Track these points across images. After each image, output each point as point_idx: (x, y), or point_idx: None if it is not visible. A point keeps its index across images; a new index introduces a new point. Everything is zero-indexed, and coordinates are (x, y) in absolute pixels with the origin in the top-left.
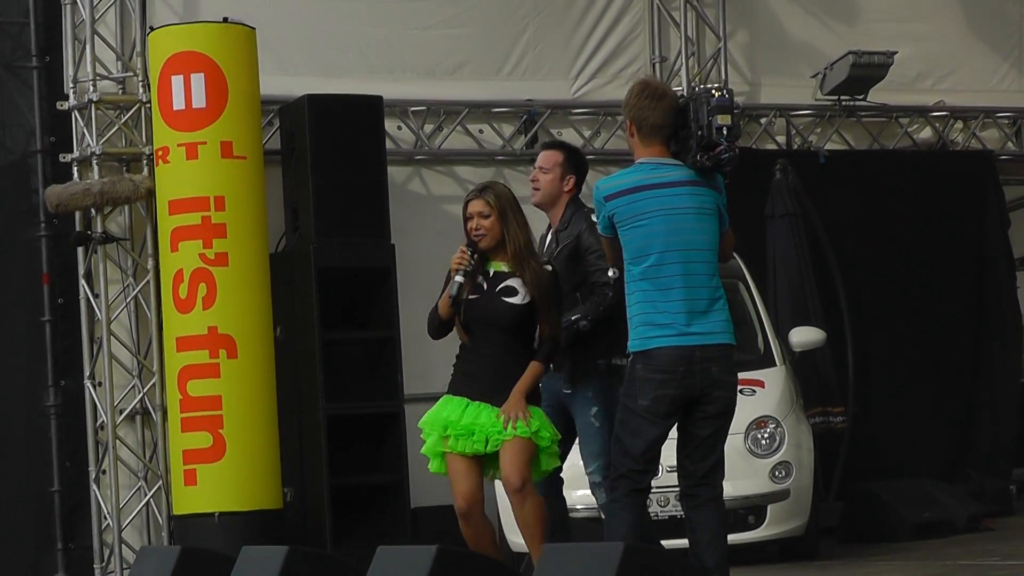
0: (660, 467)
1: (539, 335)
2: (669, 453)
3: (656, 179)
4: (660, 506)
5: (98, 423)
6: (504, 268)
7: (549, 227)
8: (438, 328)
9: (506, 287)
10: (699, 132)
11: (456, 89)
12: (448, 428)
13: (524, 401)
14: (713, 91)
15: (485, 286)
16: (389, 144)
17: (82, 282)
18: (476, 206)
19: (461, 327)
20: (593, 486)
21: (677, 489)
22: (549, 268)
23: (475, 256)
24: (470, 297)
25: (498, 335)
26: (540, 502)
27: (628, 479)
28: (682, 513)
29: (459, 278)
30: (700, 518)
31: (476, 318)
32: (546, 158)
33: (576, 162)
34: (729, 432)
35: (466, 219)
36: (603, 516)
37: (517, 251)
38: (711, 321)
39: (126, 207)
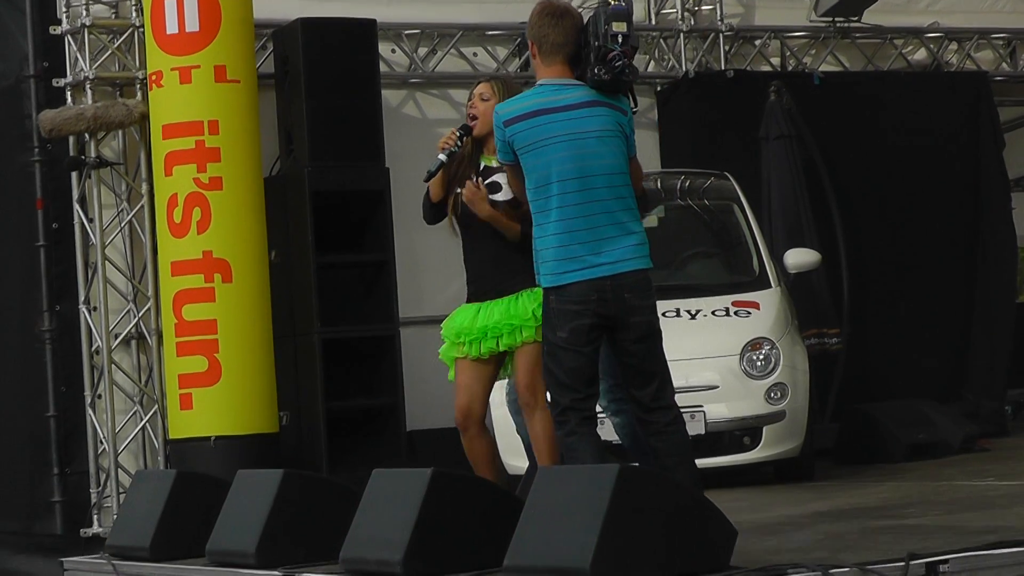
0: None
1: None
2: None
3: (557, 102)
4: None
5: (93, 348)
6: (494, 163)
7: None
8: (429, 212)
9: (492, 183)
10: (596, 43)
11: (450, 12)
12: (460, 335)
13: (487, 207)
14: (611, 1)
15: (476, 181)
16: (383, 67)
17: (76, 207)
18: (480, 87)
19: (454, 221)
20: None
21: None
22: None
23: (463, 139)
24: (460, 191)
25: (490, 229)
26: (550, 417)
27: (574, 410)
28: (689, 434)
29: (441, 156)
30: (663, 444)
31: (468, 214)
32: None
33: None
34: (724, 354)
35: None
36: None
37: None
38: (620, 248)
39: (120, 131)
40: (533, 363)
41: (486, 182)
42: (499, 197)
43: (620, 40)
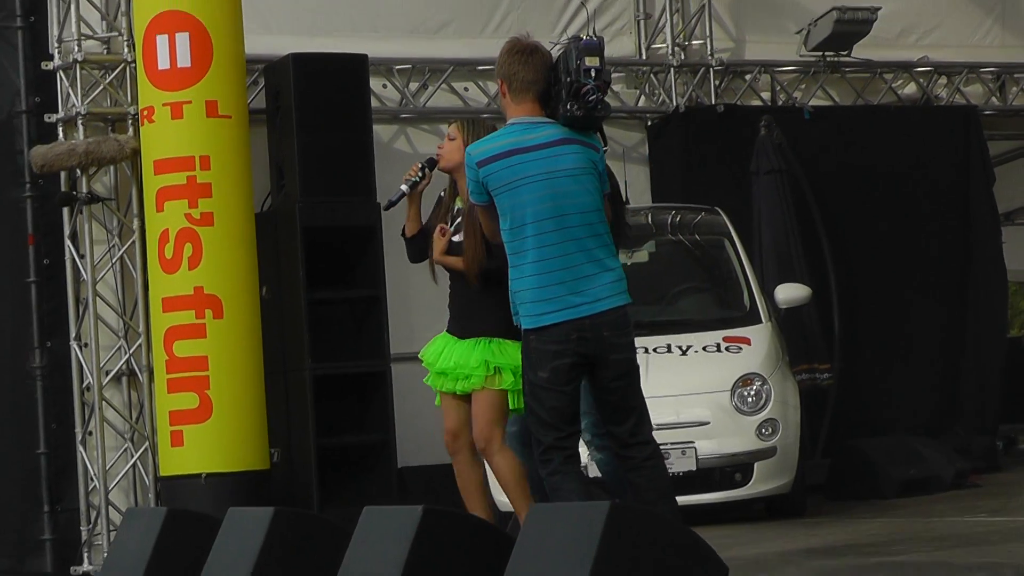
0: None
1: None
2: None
3: (529, 141)
4: None
5: (84, 384)
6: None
7: None
8: (408, 249)
9: (458, 224)
10: (568, 79)
11: (441, 47)
12: (430, 366)
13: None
14: (582, 35)
15: (443, 228)
16: (374, 102)
17: (67, 243)
18: (450, 128)
19: (434, 268)
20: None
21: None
22: None
23: (424, 171)
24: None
25: (461, 273)
26: (509, 458)
27: (558, 448)
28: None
29: (404, 187)
30: (641, 480)
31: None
32: None
33: None
34: (715, 389)
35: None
36: (550, 490)
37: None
38: (598, 286)
39: (111, 167)
40: (484, 411)
41: (455, 223)
42: (457, 238)
43: (593, 74)
